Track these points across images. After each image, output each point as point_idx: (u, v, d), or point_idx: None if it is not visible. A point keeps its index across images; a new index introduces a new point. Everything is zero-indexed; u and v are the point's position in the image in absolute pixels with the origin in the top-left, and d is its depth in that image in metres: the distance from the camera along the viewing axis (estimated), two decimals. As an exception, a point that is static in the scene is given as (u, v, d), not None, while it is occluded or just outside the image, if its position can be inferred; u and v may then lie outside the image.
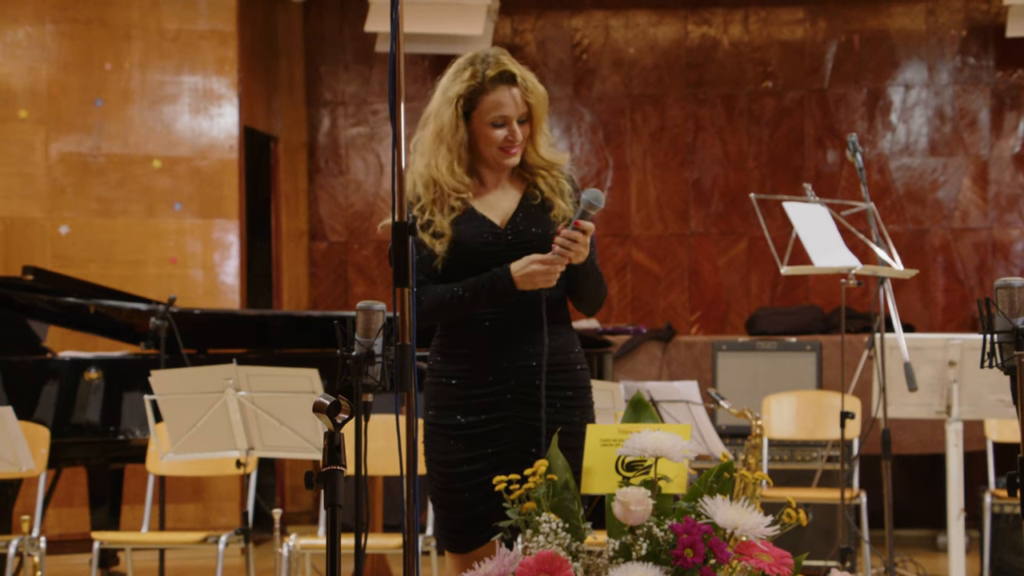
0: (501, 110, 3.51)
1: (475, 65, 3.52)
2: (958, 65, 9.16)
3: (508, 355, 3.51)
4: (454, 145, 3.53)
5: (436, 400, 3.55)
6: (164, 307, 6.38)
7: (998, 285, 2.96)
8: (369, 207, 9.61)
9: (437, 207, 3.53)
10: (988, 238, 9.11)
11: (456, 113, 3.52)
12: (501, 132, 3.52)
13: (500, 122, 3.52)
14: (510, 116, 3.51)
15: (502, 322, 3.51)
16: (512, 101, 3.51)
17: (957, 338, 5.56)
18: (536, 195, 3.58)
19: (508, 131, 3.52)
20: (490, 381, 3.51)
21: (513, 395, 3.51)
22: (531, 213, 3.57)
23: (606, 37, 9.42)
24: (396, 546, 5.25)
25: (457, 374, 3.53)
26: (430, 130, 3.59)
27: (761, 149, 9.20)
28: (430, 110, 3.60)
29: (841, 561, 5.18)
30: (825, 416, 6.58)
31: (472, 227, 3.52)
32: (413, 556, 2.85)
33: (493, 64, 3.51)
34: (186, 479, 7.54)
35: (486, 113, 3.51)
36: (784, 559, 3.02)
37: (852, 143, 5.20)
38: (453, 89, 3.53)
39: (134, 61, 8.51)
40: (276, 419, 5.08)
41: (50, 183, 8.37)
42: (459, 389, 3.52)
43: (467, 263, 3.50)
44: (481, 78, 3.50)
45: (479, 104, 3.52)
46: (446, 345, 3.57)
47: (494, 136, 3.52)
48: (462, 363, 3.53)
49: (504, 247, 3.51)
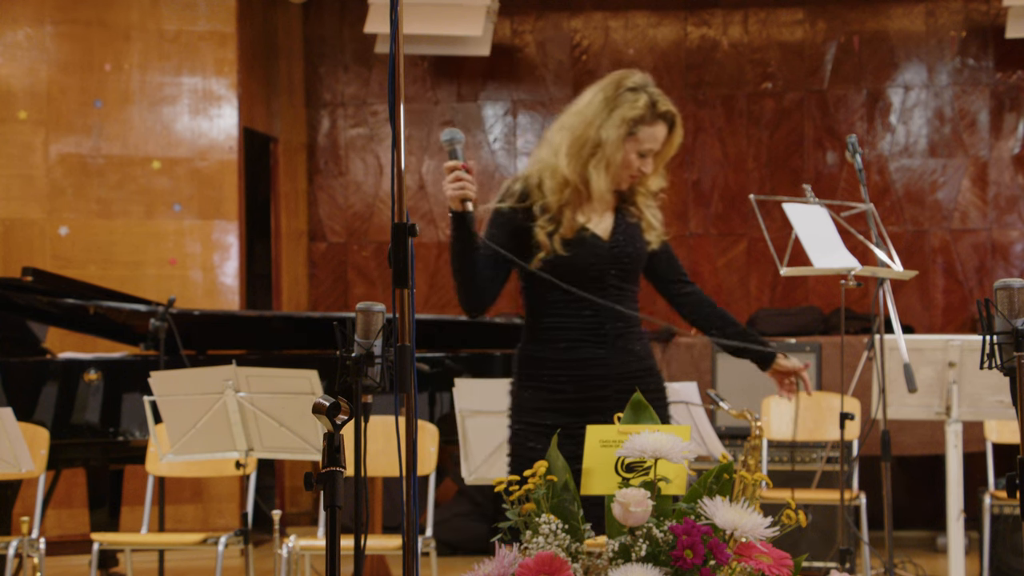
0: (652, 144, 3.73)
1: (647, 94, 3.72)
2: (957, 66, 9.16)
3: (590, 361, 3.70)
4: (613, 162, 3.71)
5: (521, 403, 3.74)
6: (163, 308, 6.38)
7: (998, 286, 2.95)
8: (369, 208, 9.61)
9: (570, 208, 3.72)
10: (988, 239, 9.11)
11: (623, 134, 3.71)
12: (639, 163, 3.74)
13: (645, 153, 3.73)
14: (655, 151, 3.74)
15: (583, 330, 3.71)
16: (662, 139, 3.74)
17: (957, 339, 5.55)
18: (633, 214, 3.82)
19: (645, 163, 3.74)
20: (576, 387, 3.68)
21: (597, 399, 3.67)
22: (629, 230, 3.80)
23: (605, 38, 9.42)
24: (396, 547, 5.25)
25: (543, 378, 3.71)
26: (581, 135, 3.74)
27: (760, 150, 9.20)
28: (588, 116, 3.76)
29: (840, 562, 5.17)
30: (825, 417, 6.58)
31: (584, 242, 3.71)
32: (412, 557, 2.85)
33: (662, 101, 3.73)
34: (185, 480, 7.53)
35: (639, 142, 3.72)
36: (784, 560, 3.02)
37: (851, 144, 5.20)
38: (627, 112, 3.71)
39: (134, 62, 8.51)
40: (275, 420, 5.08)
41: (50, 184, 8.37)
42: (545, 392, 3.70)
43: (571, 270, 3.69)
44: (651, 110, 3.71)
45: (637, 132, 3.71)
46: (531, 351, 3.76)
47: (634, 163, 3.74)
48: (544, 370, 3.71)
49: (608, 261, 3.73)
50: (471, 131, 9.55)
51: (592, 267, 3.71)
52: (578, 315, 3.71)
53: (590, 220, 3.76)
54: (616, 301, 3.72)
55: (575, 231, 3.71)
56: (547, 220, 3.70)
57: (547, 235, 3.68)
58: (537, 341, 3.77)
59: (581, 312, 3.71)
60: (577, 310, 3.71)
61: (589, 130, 3.72)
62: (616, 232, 3.76)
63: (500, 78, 9.54)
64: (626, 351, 3.73)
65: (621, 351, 3.73)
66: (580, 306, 3.71)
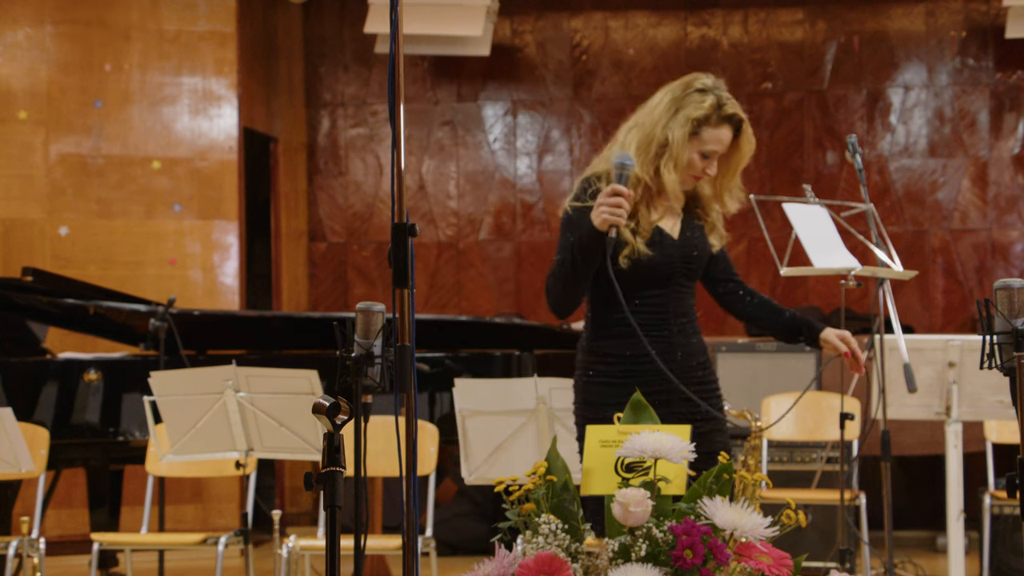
0: (716, 146, 3.78)
1: (716, 95, 3.81)
2: (957, 66, 9.16)
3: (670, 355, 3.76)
4: (680, 162, 3.76)
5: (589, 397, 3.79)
6: (163, 308, 6.38)
7: (997, 286, 2.95)
8: (368, 208, 9.61)
9: (644, 204, 3.78)
10: (987, 239, 9.11)
11: (687, 133, 3.76)
12: (703, 164, 3.79)
13: (708, 155, 3.78)
14: (718, 153, 3.80)
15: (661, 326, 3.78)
16: (726, 141, 3.80)
17: (957, 339, 5.55)
18: (700, 214, 3.90)
19: (708, 164, 3.79)
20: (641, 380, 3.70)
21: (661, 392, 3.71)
22: (696, 232, 3.87)
23: (605, 38, 9.42)
24: (395, 547, 5.25)
25: (608, 372, 3.77)
26: (649, 133, 3.80)
27: (760, 150, 9.19)
28: (656, 116, 3.82)
29: (840, 562, 5.17)
30: (824, 417, 6.58)
31: (661, 241, 3.77)
32: (412, 557, 2.84)
33: (729, 104, 3.81)
34: (185, 480, 7.53)
35: (703, 143, 3.78)
36: (783, 560, 3.02)
37: (851, 144, 5.20)
38: (692, 112, 3.78)
39: (134, 62, 8.51)
40: (275, 420, 5.08)
41: (50, 184, 8.37)
42: (610, 386, 3.75)
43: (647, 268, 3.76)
44: (717, 111, 3.79)
45: (701, 132, 3.77)
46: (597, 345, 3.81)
47: (697, 163, 3.78)
48: (615, 365, 3.77)
49: (678, 260, 3.79)
50: (471, 131, 9.55)
51: (665, 265, 3.78)
52: (642, 311, 3.76)
53: (662, 219, 3.83)
54: (678, 298, 3.82)
55: (651, 230, 3.77)
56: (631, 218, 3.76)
57: (631, 232, 3.75)
58: (603, 336, 3.82)
59: (644, 308, 3.77)
60: (640, 306, 3.76)
61: (656, 129, 3.79)
62: (684, 232, 3.84)
63: (500, 78, 9.54)
64: (687, 345, 3.82)
65: (682, 345, 3.81)
66: (643, 302, 3.77)
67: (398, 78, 2.90)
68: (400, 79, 2.91)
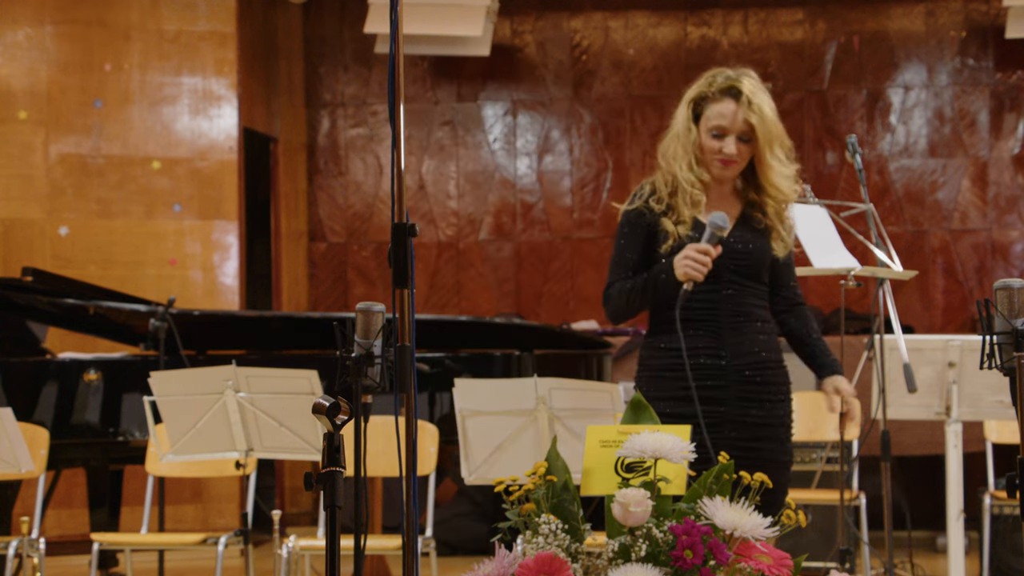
0: (720, 120, 3.71)
1: (714, 75, 3.76)
2: (957, 66, 9.16)
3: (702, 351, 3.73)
4: (688, 145, 3.75)
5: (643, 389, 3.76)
6: (163, 308, 6.38)
7: (997, 286, 2.95)
8: (368, 208, 9.61)
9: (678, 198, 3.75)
10: (987, 239, 9.11)
11: (688, 115, 3.75)
12: (717, 143, 3.72)
13: (718, 132, 3.71)
14: (727, 128, 3.71)
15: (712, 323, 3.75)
16: (732, 115, 3.71)
17: (956, 339, 5.55)
18: (759, 218, 3.81)
19: (724, 144, 3.71)
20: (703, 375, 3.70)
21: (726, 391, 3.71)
22: (751, 229, 3.79)
23: (605, 38, 9.42)
24: (395, 547, 5.25)
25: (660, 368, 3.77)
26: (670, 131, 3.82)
27: (760, 150, 9.20)
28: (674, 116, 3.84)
29: (840, 562, 5.17)
30: (824, 417, 6.58)
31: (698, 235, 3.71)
32: (412, 557, 2.84)
33: (729, 78, 3.74)
34: (185, 480, 7.53)
35: (708, 120, 3.73)
36: (783, 560, 3.02)
37: (851, 144, 5.20)
38: (689, 93, 3.78)
39: (133, 62, 8.51)
40: (275, 420, 5.08)
41: (49, 184, 8.37)
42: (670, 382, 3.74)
43: None
44: (710, 87, 3.74)
45: (704, 111, 3.74)
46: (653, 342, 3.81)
47: (710, 145, 3.73)
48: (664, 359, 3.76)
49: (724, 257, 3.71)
50: (471, 131, 9.55)
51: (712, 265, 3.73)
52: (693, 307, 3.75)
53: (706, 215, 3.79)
54: (734, 295, 3.77)
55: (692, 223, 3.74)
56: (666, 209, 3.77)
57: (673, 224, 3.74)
58: (657, 331, 3.83)
59: (695, 305, 3.75)
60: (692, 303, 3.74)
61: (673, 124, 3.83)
62: (735, 231, 3.78)
63: (500, 78, 9.54)
64: (740, 344, 3.77)
65: (735, 345, 3.76)
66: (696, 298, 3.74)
67: (398, 78, 2.90)
68: (400, 79, 2.91)
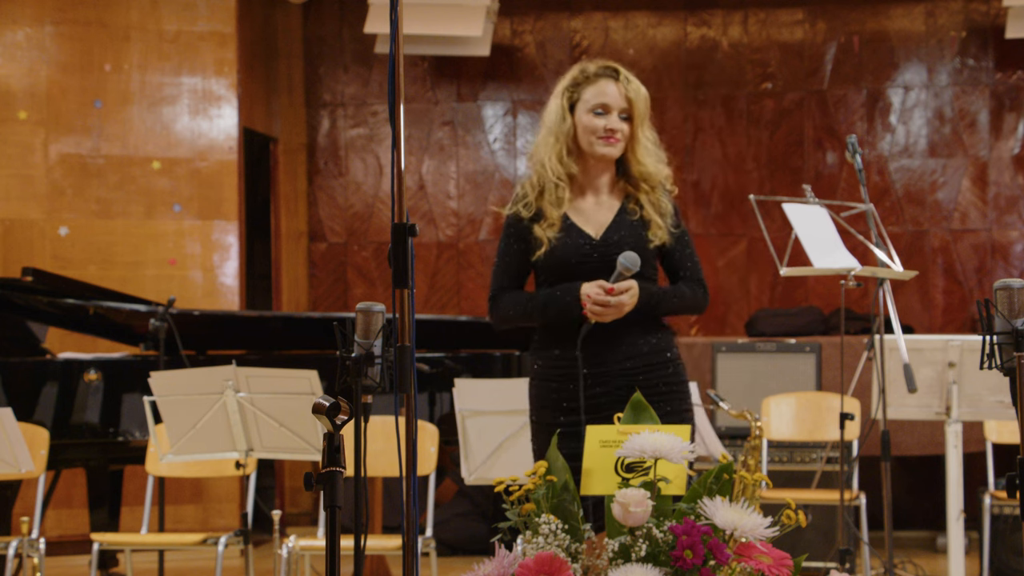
0: (602, 98, 3.69)
1: (584, 64, 3.77)
2: (957, 66, 9.16)
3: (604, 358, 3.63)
4: (561, 135, 3.72)
5: (539, 401, 3.71)
6: (163, 308, 6.38)
7: (997, 286, 2.95)
8: (368, 208, 9.61)
9: (545, 198, 3.71)
10: (987, 239, 9.11)
11: (563, 104, 3.73)
12: (600, 121, 3.69)
13: (600, 110, 3.69)
14: (611, 105, 3.69)
15: (598, 326, 3.63)
16: (614, 92, 3.70)
17: (956, 339, 5.55)
18: (635, 211, 3.73)
19: (607, 120, 3.68)
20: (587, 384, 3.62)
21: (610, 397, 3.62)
22: (627, 228, 3.71)
23: (605, 38, 9.42)
24: (395, 547, 5.25)
25: (555, 377, 3.67)
26: (542, 131, 3.79)
27: (760, 150, 9.20)
28: (544, 114, 3.82)
29: (840, 562, 5.18)
30: (824, 417, 6.58)
31: (568, 237, 3.67)
32: (412, 557, 2.84)
33: (602, 63, 3.76)
34: (185, 480, 7.53)
35: (588, 101, 3.70)
36: (783, 560, 3.02)
37: (851, 144, 5.20)
38: (561, 84, 3.77)
39: (133, 62, 8.51)
40: (275, 420, 5.08)
41: (49, 184, 8.37)
42: (556, 392, 3.66)
43: (558, 271, 3.67)
44: (583, 73, 3.73)
45: (582, 94, 3.72)
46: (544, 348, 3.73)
47: (594, 124, 3.69)
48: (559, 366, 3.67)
49: (597, 260, 3.65)
50: (471, 131, 9.55)
51: (579, 264, 3.67)
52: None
53: (582, 215, 3.73)
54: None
55: (559, 225, 3.69)
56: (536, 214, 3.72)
57: (543, 229, 3.69)
58: (536, 340, 3.80)
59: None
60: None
61: (544, 120, 3.80)
62: (611, 229, 3.70)
63: (500, 78, 9.54)
64: (610, 350, 3.65)
65: (603, 350, 3.65)
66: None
67: (398, 78, 2.90)
68: (400, 79, 2.91)
